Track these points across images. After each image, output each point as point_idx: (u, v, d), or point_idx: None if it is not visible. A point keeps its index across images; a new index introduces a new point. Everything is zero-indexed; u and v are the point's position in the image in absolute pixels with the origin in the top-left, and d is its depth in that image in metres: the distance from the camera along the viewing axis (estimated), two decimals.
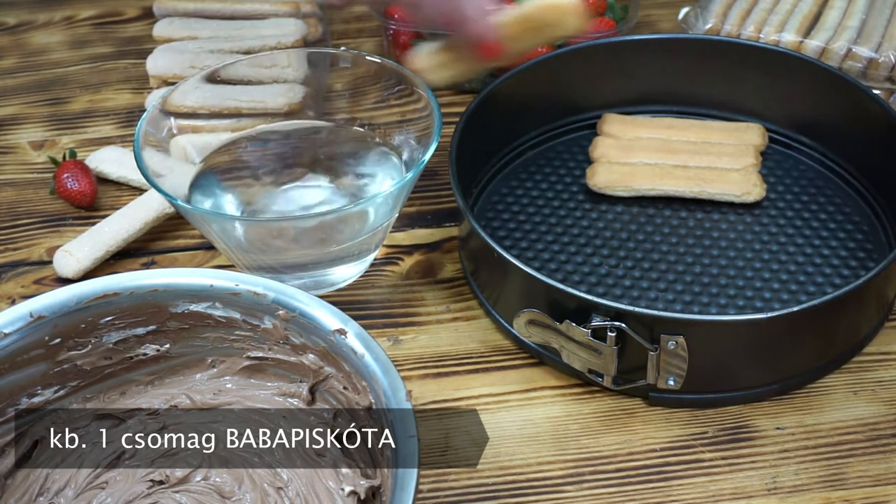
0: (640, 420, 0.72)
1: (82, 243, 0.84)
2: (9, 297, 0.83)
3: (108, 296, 0.65)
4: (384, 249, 0.85)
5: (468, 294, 0.81)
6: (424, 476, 0.69)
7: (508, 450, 0.70)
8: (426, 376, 0.75)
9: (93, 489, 0.64)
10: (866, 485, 0.67)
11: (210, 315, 0.67)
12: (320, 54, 0.91)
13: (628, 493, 0.68)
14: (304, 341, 0.65)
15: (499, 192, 0.88)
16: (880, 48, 0.94)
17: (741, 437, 0.71)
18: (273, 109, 0.88)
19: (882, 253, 0.81)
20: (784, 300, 0.78)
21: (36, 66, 1.09)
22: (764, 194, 0.85)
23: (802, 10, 0.99)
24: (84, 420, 0.67)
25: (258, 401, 0.68)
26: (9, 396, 0.65)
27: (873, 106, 0.84)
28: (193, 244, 0.87)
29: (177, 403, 0.68)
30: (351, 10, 1.15)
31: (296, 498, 0.62)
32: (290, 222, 0.77)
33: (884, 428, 0.71)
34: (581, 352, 0.70)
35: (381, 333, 0.78)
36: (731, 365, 0.71)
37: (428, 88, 0.79)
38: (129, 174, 0.92)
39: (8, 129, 1.01)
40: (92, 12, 1.17)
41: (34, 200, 0.93)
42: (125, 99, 1.04)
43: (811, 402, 0.73)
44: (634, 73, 0.93)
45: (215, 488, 0.63)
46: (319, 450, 0.64)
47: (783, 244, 0.82)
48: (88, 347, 0.66)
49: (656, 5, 1.12)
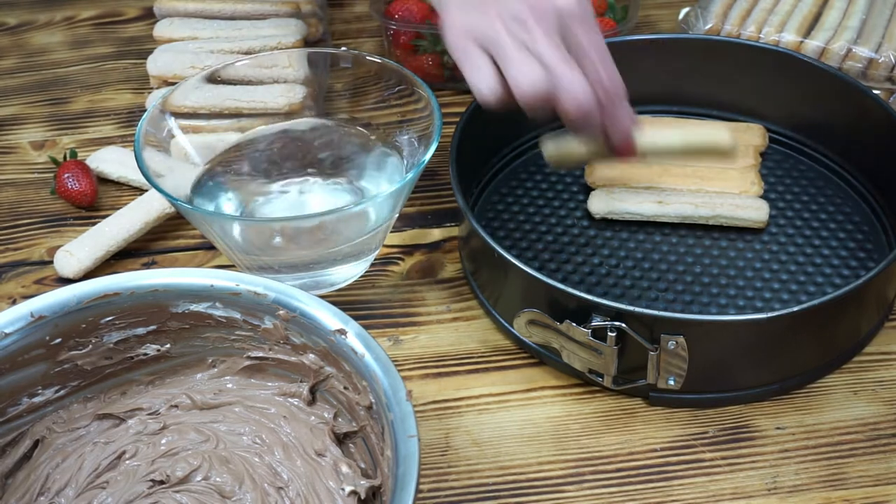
0: (641, 420, 0.72)
1: (83, 243, 0.84)
2: (9, 297, 0.83)
3: (108, 296, 0.65)
4: (384, 249, 0.85)
5: (468, 294, 0.81)
6: (424, 476, 0.69)
7: (508, 450, 0.70)
8: (426, 376, 0.76)
9: (93, 489, 0.64)
10: (866, 485, 0.67)
11: (210, 315, 0.67)
12: (320, 54, 0.91)
13: (628, 493, 0.68)
14: (305, 341, 0.65)
15: (499, 192, 0.88)
16: (880, 48, 0.94)
17: (741, 437, 0.71)
18: (273, 109, 0.88)
19: (882, 253, 0.81)
20: (784, 300, 0.78)
21: (36, 66, 1.10)
22: (762, 192, 0.85)
23: (802, 10, 0.99)
24: (84, 420, 0.67)
25: (258, 401, 0.68)
26: (9, 396, 0.65)
27: (873, 106, 0.84)
28: (194, 244, 0.87)
29: (177, 403, 0.68)
30: (351, 9, 1.15)
31: (296, 498, 0.62)
32: (290, 222, 0.77)
33: (884, 428, 0.71)
34: (581, 352, 0.70)
35: (381, 333, 0.78)
36: (731, 365, 0.71)
37: (428, 88, 0.79)
38: (129, 174, 0.92)
39: (9, 129, 1.01)
40: (92, 12, 1.17)
41: (35, 200, 0.93)
42: (126, 99, 1.04)
43: (811, 402, 0.73)
44: (634, 73, 0.92)
45: (215, 488, 0.63)
46: (319, 450, 0.64)
47: (783, 244, 0.82)
48: (89, 347, 0.66)
49: (656, 5, 1.13)
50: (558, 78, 0.66)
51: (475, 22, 0.67)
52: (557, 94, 0.66)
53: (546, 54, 0.66)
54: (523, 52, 0.66)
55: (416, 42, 1.01)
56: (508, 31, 0.66)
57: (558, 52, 0.66)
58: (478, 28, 0.67)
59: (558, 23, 0.67)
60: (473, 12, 0.67)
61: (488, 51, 0.67)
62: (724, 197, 0.83)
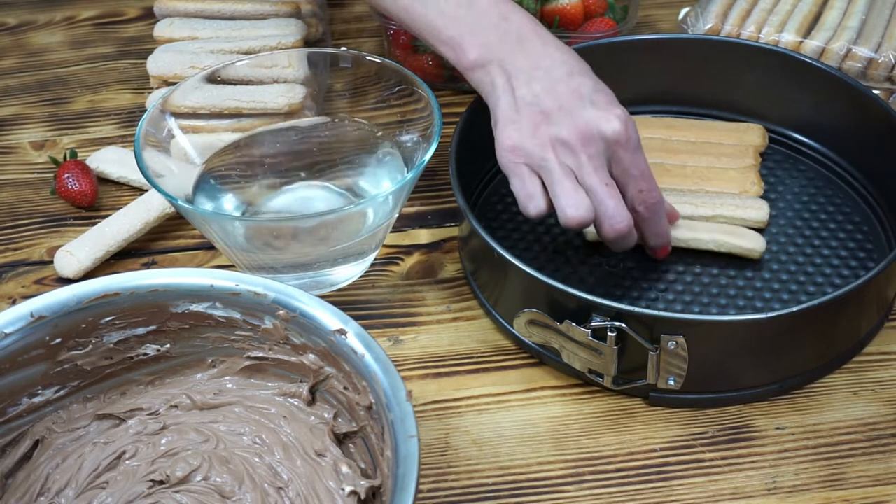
0: (640, 420, 0.72)
1: (83, 243, 0.84)
2: (9, 297, 0.83)
3: (108, 296, 0.65)
4: (384, 249, 0.85)
5: (468, 294, 0.81)
6: (424, 476, 0.69)
7: (508, 450, 0.70)
8: (426, 376, 0.76)
9: (93, 489, 0.64)
10: (866, 485, 0.67)
11: (210, 315, 0.67)
12: (320, 54, 0.91)
13: (628, 493, 0.68)
14: (305, 341, 0.65)
15: (499, 192, 0.88)
16: (880, 48, 0.94)
17: (741, 437, 0.71)
18: (273, 110, 0.88)
19: (882, 253, 0.81)
20: (784, 300, 0.78)
21: (37, 66, 1.10)
22: (762, 192, 0.85)
23: (802, 10, 0.99)
24: (84, 420, 0.67)
25: (258, 401, 0.68)
26: (9, 396, 0.65)
27: (873, 106, 0.84)
28: (194, 244, 0.87)
29: (177, 403, 0.68)
30: (351, 9, 1.15)
31: (296, 498, 0.62)
32: (290, 222, 0.77)
33: (884, 428, 0.71)
34: (581, 352, 0.70)
35: (381, 333, 0.78)
36: (731, 365, 0.71)
37: (428, 88, 0.79)
38: (129, 174, 0.92)
39: (9, 129, 1.01)
40: (92, 12, 1.17)
41: (35, 200, 0.93)
42: (126, 99, 1.04)
43: (811, 402, 0.73)
44: (634, 73, 0.93)
45: (215, 488, 0.63)
46: (319, 450, 0.64)
47: (783, 244, 0.82)
48: (89, 347, 0.66)
49: (656, 5, 1.13)
50: (601, 206, 0.72)
51: (528, 145, 0.73)
52: (599, 221, 0.73)
53: (591, 182, 0.72)
54: (571, 180, 0.72)
55: (416, 42, 1.01)
56: (557, 156, 0.72)
57: (603, 180, 0.72)
58: (530, 151, 0.73)
59: (605, 147, 0.72)
60: (527, 134, 0.73)
61: (538, 173, 0.73)
62: (724, 197, 0.83)
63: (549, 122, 0.72)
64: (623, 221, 0.72)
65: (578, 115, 0.72)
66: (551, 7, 1.00)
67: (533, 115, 0.73)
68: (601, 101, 0.73)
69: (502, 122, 0.74)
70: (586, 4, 1.01)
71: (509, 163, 0.74)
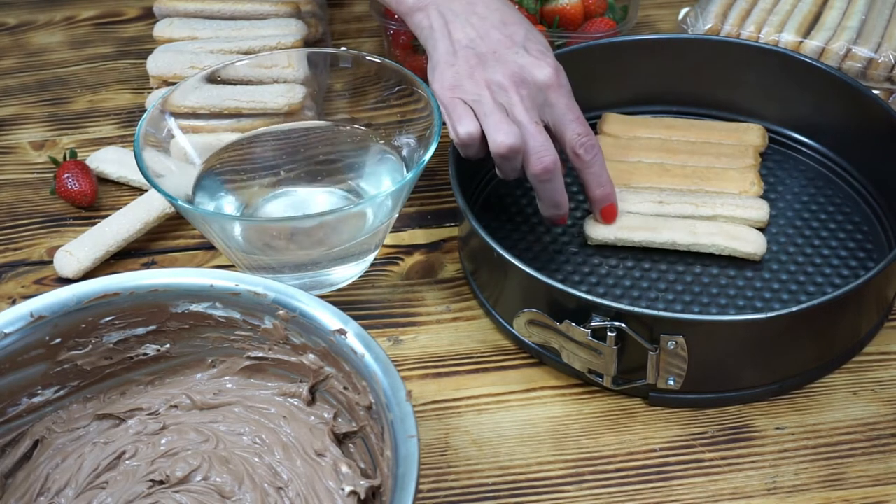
0: (640, 420, 0.72)
1: (83, 243, 0.84)
2: (9, 297, 0.83)
3: (108, 296, 0.65)
4: (384, 249, 0.85)
5: (468, 294, 0.81)
6: (424, 476, 0.69)
7: (508, 450, 0.70)
8: (426, 376, 0.76)
9: (93, 489, 0.64)
10: (866, 485, 0.67)
11: (210, 315, 0.67)
12: (320, 54, 0.91)
13: (628, 493, 0.68)
14: (305, 341, 0.65)
15: (498, 192, 0.88)
16: (880, 48, 0.94)
17: (741, 437, 0.71)
18: (273, 110, 0.88)
19: (882, 253, 0.81)
20: (784, 300, 0.78)
21: (36, 66, 1.10)
22: (762, 192, 0.85)
23: (802, 10, 0.99)
24: (84, 420, 0.67)
25: (258, 401, 0.68)
26: (9, 396, 0.65)
27: (873, 106, 0.84)
28: (193, 244, 0.87)
29: (177, 403, 0.68)
30: (351, 9, 1.15)
31: (296, 498, 0.62)
32: (290, 222, 0.77)
33: (883, 428, 0.71)
34: (581, 352, 0.70)
35: (381, 333, 0.78)
36: (731, 365, 0.71)
37: (428, 88, 0.79)
38: (129, 174, 0.92)
39: (8, 129, 1.01)
40: (92, 12, 1.17)
41: (35, 200, 0.93)
42: (125, 99, 1.04)
43: (811, 402, 0.73)
44: (635, 73, 0.93)
45: (215, 488, 0.63)
46: (319, 450, 0.64)
47: (783, 244, 0.82)
48: (89, 347, 0.66)
49: (656, 5, 1.13)
50: (530, 139, 0.74)
51: (465, 84, 0.76)
52: (527, 154, 0.75)
53: (521, 118, 0.75)
54: (502, 113, 0.75)
55: (416, 42, 1.01)
56: (492, 94, 0.75)
57: (532, 119, 0.75)
58: (466, 88, 0.76)
59: (537, 92, 0.75)
60: (464, 75, 0.76)
61: (472, 108, 0.76)
62: (724, 197, 0.83)
63: (483, 66, 0.76)
64: (549, 156, 0.74)
65: (512, 61, 0.75)
66: (551, 7, 1.00)
67: (469, 57, 0.76)
68: (533, 49, 0.77)
69: (442, 65, 0.77)
70: (586, 4, 1.01)
71: (446, 98, 0.76)
